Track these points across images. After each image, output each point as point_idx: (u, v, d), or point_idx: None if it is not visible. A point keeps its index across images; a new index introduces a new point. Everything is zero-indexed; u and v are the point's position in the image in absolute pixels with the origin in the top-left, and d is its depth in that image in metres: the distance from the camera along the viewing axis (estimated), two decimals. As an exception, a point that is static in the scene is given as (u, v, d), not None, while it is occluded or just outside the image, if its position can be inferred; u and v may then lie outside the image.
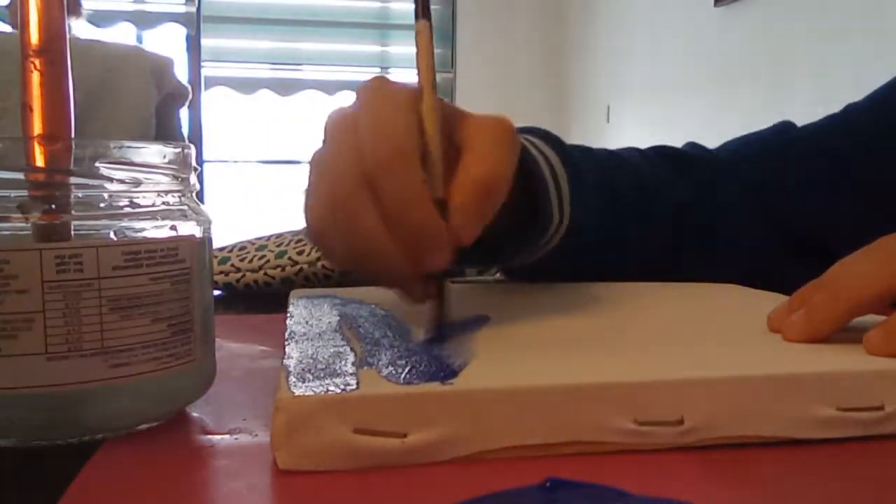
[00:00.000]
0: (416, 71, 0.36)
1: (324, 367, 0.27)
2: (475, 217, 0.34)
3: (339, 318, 0.36)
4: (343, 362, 0.28)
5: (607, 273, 0.50)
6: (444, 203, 0.34)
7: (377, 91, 0.35)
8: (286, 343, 0.31)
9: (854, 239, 0.34)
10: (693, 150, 0.61)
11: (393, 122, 0.34)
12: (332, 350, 0.29)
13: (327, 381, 0.25)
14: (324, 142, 0.37)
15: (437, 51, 0.39)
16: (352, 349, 0.30)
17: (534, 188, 0.45)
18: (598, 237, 0.50)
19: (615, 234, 0.52)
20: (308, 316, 0.36)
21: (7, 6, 1.77)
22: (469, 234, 0.34)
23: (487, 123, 0.36)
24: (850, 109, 0.60)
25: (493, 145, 0.35)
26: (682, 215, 0.55)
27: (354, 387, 0.25)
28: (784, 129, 0.60)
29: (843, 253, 0.33)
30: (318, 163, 0.36)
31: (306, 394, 0.24)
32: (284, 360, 0.28)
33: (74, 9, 1.72)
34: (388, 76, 0.37)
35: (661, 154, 0.59)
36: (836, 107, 0.61)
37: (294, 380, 0.25)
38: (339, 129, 0.36)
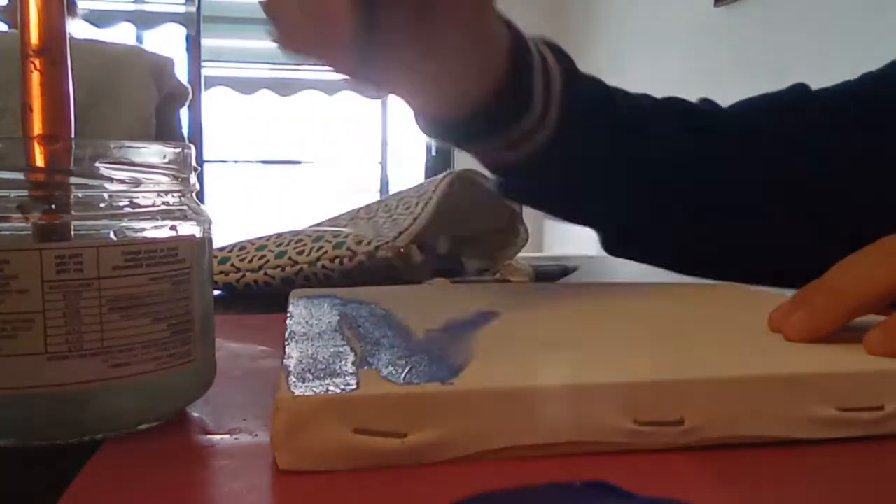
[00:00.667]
0: None
1: (324, 367, 0.27)
2: None
3: (339, 318, 0.36)
4: (343, 362, 0.28)
5: (586, 201, 0.49)
6: None
7: None
8: (286, 343, 0.31)
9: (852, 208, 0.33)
10: (703, 104, 0.59)
11: None
12: (332, 350, 0.29)
13: (327, 381, 0.25)
14: None
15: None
16: (352, 349, 0.30)
17: (520, 74, 0.44)
18: (588, 155, 0.48)
19: (608, 162, 0.50)
20: (308, 316, 0.36)
21: (4, 6, 1.77)
22: None
23: None
24: (866, 78, 0.60)
25: None
26: (679, 162, 0.54)
27: (354, 387, 0.25)
28: (797, 90, 0.59)
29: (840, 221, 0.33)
30: None
31: (306, 394, 0.24)
32: (284, 360, 0.28)
33: (71, 9, 1.72)
34: None
35: (667, 101, 0.57)
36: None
37: (294, 380, 0.25)
38: None
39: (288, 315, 0.37)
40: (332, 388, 0.24)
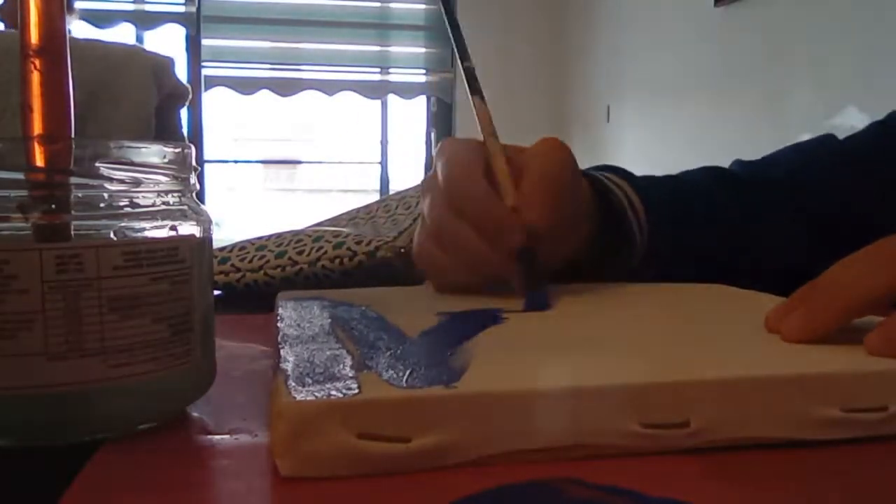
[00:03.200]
0: (477, 124, 0.47)
1: (322, 370, 0.27)
2: (541, 200, 0.42)
3: (330, 320, 0.35)
4: (341, 365, 0.27)
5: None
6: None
7: (448, 145, 0.46)
8: (279, 346, 0.30)
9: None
10: (741, 169, 0.63)
11: (459, 156, 0.44)
12: (328, 353, 0.29)
13: (328, 386, 0.25)
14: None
15: (435, 51, 0.44)
16: (348, 352, 0.29)
17: (617, 218, 0.51)
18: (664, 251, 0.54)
19: (678, 250, 0.54)
20: (299, 318, 0.36)
21: (2, 6, 1.77)
22: (538, 214, 0.41)
23: (541, 141, 0.46)
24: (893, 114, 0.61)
25: (549, 149, 0.45)
26: (732, 233, 0.57)
27: (356, 391, 0.24)
28: (826, 142, 0.62)
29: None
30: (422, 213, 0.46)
31: (308, 399, 0.24)
32: (281, 364, 0.28)
33: (69, 8, 1.72)
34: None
35: (715, 176, 0.61)
36: (836, 107, 0.61)
37: (294, 384, 0.25)
38: (428, 184, 0.46)
39: (277, 317, 0.36)
40: (333, 392, 0.24)
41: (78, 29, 1.79)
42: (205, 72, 3.65)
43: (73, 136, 0.28)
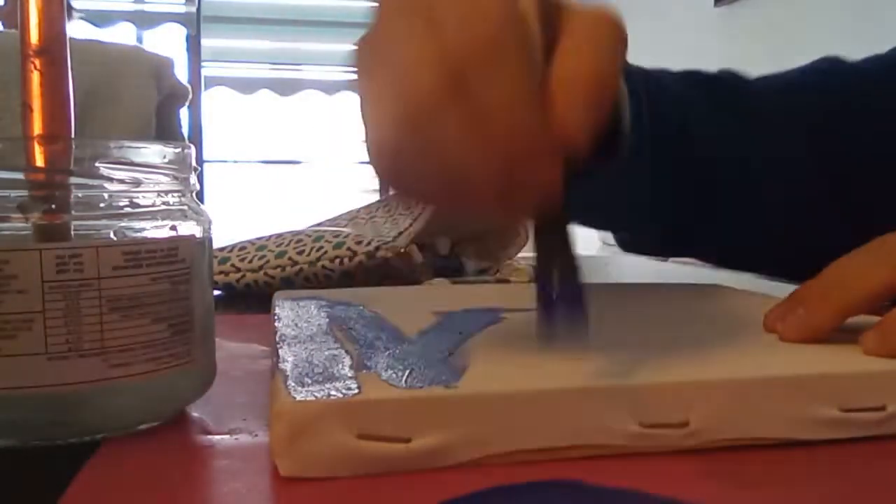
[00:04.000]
0: None
1: (321, 370, 0.27)
2: (586, 115, 0.27)
3: (328, 320, 0.35)
4: (340, 365, 0.27)
5: (632, 209, 0.49)
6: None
7: None
8: (277, 346, 0.30)
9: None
10: (730, 77, 0.58)
11: (485, 1, 0.26)
12: (326, 353, 0.29)
13: (328, 386, 0.25)
14: (377, 25, 0.29)
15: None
16: (346, 352, 0.29)
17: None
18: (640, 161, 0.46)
19: (655, 166, 0.49)
20: (296, 318, 0.36)
21: (2, 7, 1.77)
22: (580, 136, 0.26)
23: (590, 12, 0.29)
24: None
25: (599, 32, 0.28)
26: (724, 156, 0.53)
27: (356, 391, 0.24)
28: (830, 63, 0.59)
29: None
30: (376, 57, 0.28)
31: (307, 399, 0.24)
32: (279, 364, 0.28)
33: (68, 12, 1.72)
34: None
35: (694, 81, 0.56)
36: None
37: (293, 384, 0.25)
38: (405, 9, 0.28)
39: (274, 317, 0.36)
40: (333, 392, 0.24)
41: (78, 29, 1.79)
42: (205, 72, 3.65)
43: (73, 136, 0.28)
